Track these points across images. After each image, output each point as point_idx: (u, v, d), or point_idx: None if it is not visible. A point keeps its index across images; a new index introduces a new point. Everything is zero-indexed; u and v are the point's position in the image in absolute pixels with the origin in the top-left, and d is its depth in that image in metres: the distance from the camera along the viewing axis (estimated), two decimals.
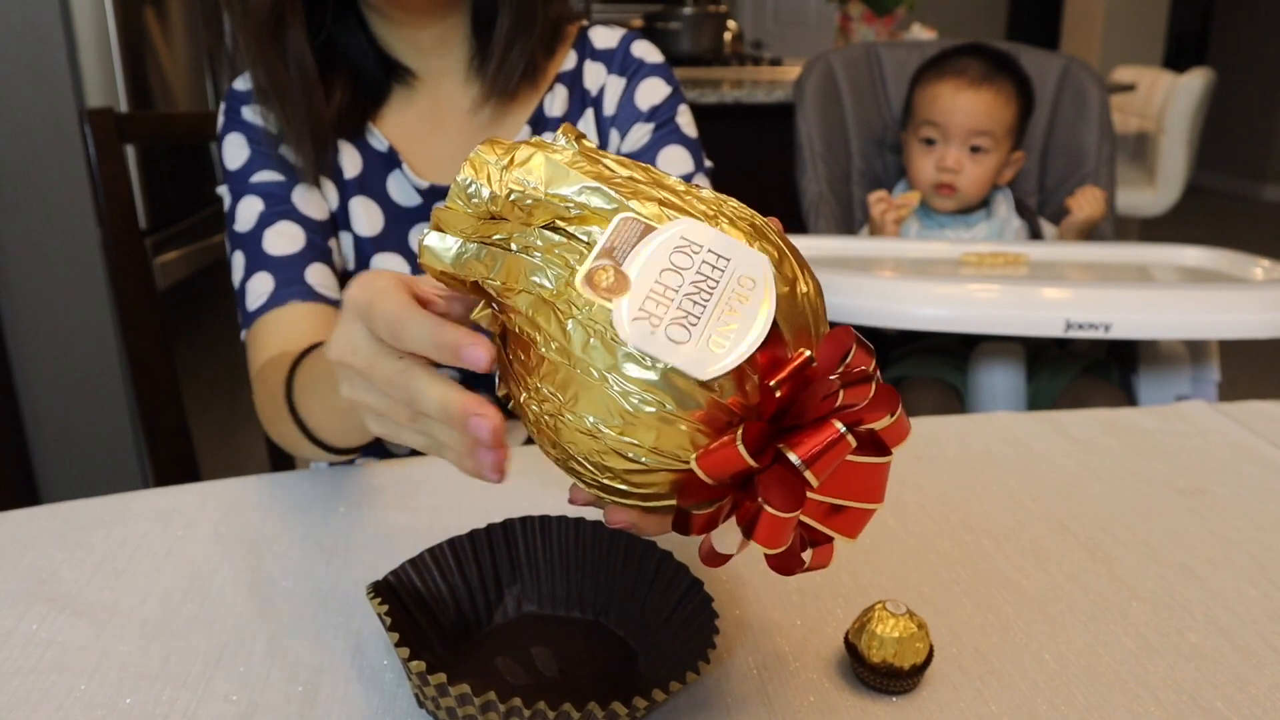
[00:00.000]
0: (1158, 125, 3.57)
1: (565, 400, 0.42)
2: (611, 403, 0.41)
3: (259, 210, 0.87)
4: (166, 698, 0.53)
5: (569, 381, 0.41)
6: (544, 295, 0.42)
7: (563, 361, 0.41)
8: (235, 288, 0.88)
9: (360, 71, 0.90)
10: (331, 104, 0.87)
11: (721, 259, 0.43)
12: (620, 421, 0.41)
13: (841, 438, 0.40)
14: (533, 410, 0.43)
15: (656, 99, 0.95)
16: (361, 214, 0.91)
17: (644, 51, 0.97)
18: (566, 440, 0.42)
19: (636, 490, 0.43)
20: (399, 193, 0.91)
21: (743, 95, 2.32)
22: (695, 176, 0.95)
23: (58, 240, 1.59)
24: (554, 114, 0.93)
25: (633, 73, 0.95)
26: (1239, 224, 5.65)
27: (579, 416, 0.41)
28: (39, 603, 0.62)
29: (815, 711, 0.53)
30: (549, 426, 0.43)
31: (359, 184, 0.91)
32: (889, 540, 0.69)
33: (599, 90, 0.95)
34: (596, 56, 0.95)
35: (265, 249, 0.86)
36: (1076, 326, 1.14)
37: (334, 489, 0.76)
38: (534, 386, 0.43)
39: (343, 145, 0.91)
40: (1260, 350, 3.52)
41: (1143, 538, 0.70)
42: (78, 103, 1.54)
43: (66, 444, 1.69)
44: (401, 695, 0.54)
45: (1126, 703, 0.53)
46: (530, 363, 0.43)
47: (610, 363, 0.41)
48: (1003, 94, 1.56)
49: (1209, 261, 1.42)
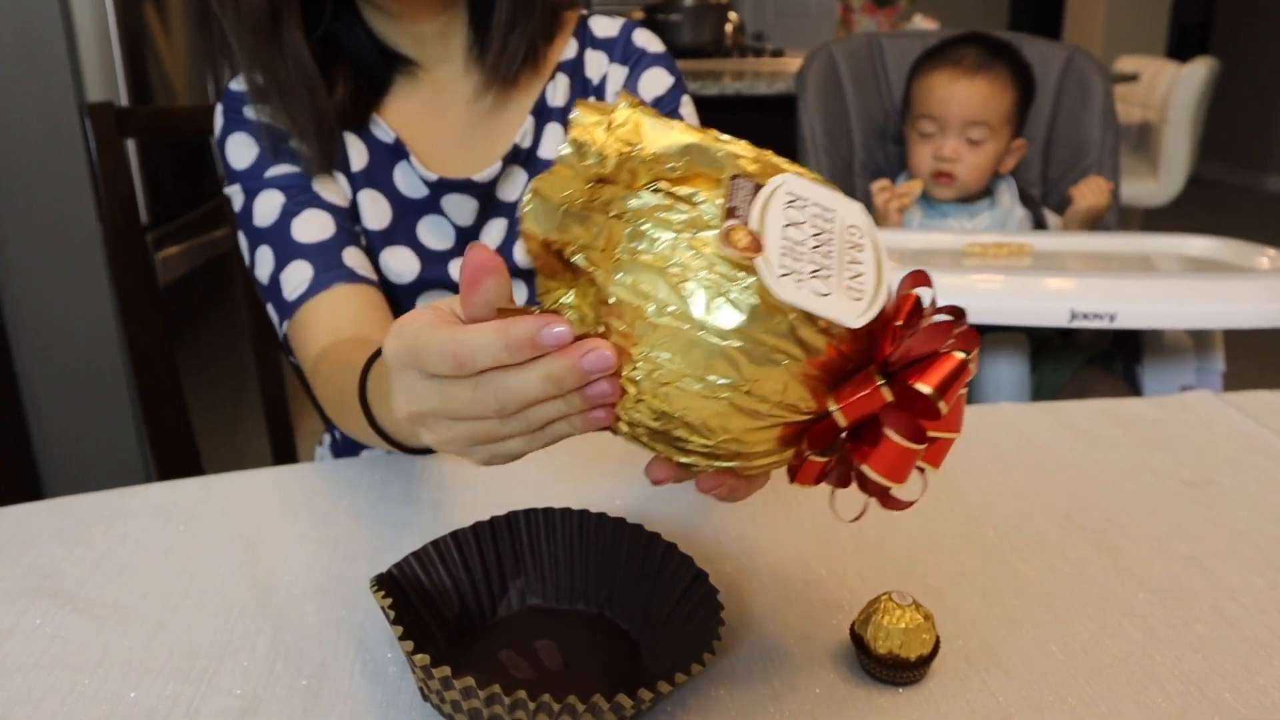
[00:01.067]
0: (1161, 115, 3.56)
1: (684, 365, 0.41)
2: (739, 361, 0.40)
3: (280, 202, 0.86)
4: (170, 692, 0.53)
5: (690, 345, 0.40)
6: (652, 260, 0.41)
7: (680, 326, 0.40)
8: (264, 283, 0.87)
9: (361, 63, 0.89)
10: (334, 97, 0.87)
11: (827, 210, 0.43)
12: (747, 378, 0.40)
13: (964, 365, 0.42)
14: (635, 382, 0.42)
15: (660, 90, 0.94)
16: (369, 207, 0.90)
17: (646, 41, 0.96)
18: (680, 407, 0.41)
19: (745, 450, 0.43)
20: (406, 184, 0.91)
21: (744, 87, 2.32)
22: None
23: (59, 235, 1.59)
24: (556, 103, 0.93)
25: (635, 62, 0.95)
26: (1242, 214, 5.64)
27: (701, 379, 0.41)
28: (41, 598, 0.61)
29: (821, 703, 0.52)
30: (657, 396, 0.42)
31: (366, 177, 0.90)
32: (894, 532, 0.69)
33: (601, 79, 0.94)
34: (598, 45, 0.95)
35: (296, 238, 0.85)
36: (1081, 316, 1.13)
37: (336, 482, 0.76)
38: (641, 356, 0.41)
39: (348, 138, 0.90)
40: (1265, 340, 3.51)
41: (1149, 529, 0.70)
42: (78, 97, 1.53)
43: (69, 439, 1.69)
44: (405, 689, 0.54)
45: (1133, 694, 0.53)
46: (634, 333, 0.41)
47: (739, 320, 0.40)
48: (998, 82, 1.55)
49: (1214, 251, 1.41)
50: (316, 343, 0.82)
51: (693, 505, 0.72)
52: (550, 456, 0.79)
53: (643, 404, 0.42)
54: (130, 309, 1.06)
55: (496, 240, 0.93)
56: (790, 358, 0.41)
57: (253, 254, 0.88)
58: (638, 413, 0.43)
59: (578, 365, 0.41)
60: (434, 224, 0.92)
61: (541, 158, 0.93)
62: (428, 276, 0.91)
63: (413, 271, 0.91)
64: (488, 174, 0.90)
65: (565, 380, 0.42)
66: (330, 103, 0.86)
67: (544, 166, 0.92)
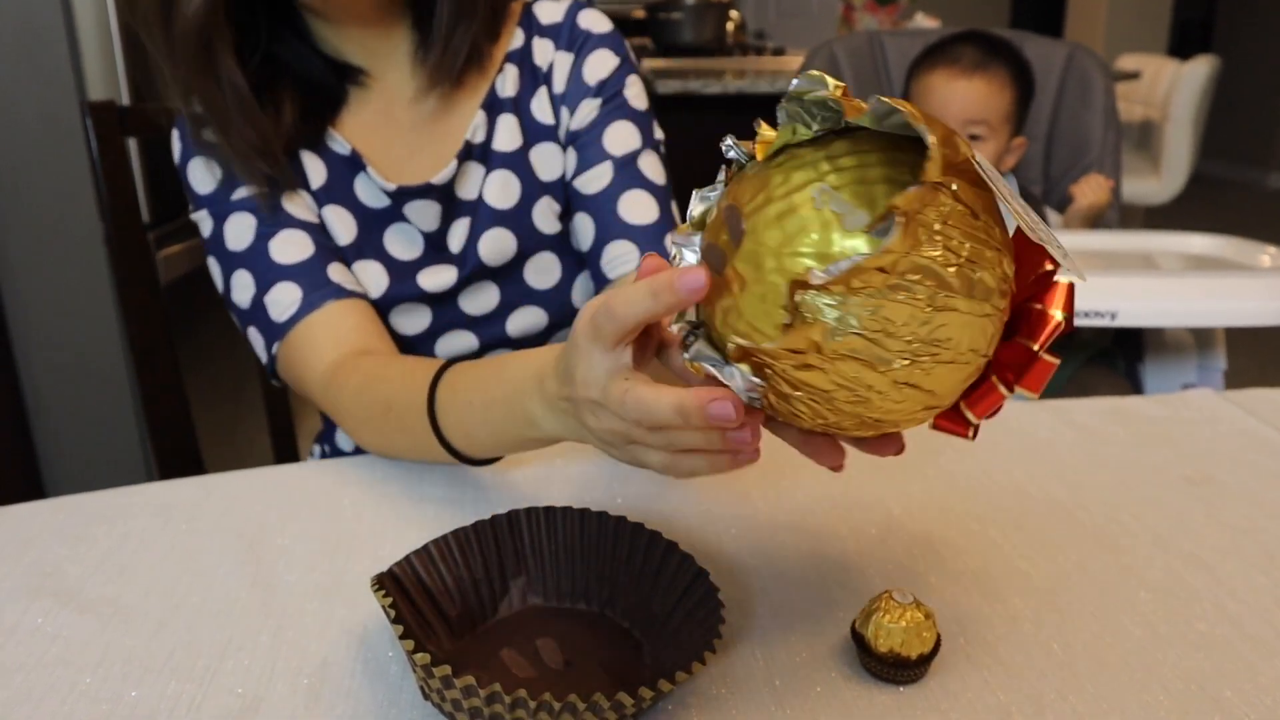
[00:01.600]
0: (1162, 113, 3.56)
1: (950, 343, 0.43)
2: (987, 327, 0.44)
3: (253, 225, 0.85)
4: (171, 691, 0.53)
5: (961, 325, 0.43)
6: (934, 254, 0.42)
7: (954, 311, 0.42)
8: (244, 307, 0.86)
9: (309, 81, 0.87)
10: (283, 117, 0.85)
11: (989, 166, 0.45)
12: (988, 341, 0.45)
13: (1072, 287, 0.48)
14: (896, 367, 0.43)
15: (604, 72, 0.92)
16: (336, 223, 0.89)
17: (591, 22, 0.94)
18: (933, 384, 0.44)
19: (944, 405, 0.47)
20: (367, 196, 0.90)
21: (745, 85, 2.32)
22: (643, 153, 0.92)
23: (60, 234, 1.59)
24: (507, 94, 0.91)
25: (580, 46, 0.93)
26: (1244, 212, 5.63)
27: (960, 351, 0.43)
28: (42, 597, 0.62)
29: (822, 702, 0.52)
30: (908, 382, 0.44)
31: (327, 192, 0.89)
32: (895, 530, 0.69)
33: (549, 66, 0.93)
34: (544, 33, 0.93)
35: (276, 260, 0.85)
36: (1082, 314, 1.13)
37: (338, 481, 0.76)
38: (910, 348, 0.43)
39: (305, 156, 0.89)
40: (1266, 338, 3.51)
41: (1150, 526, 0.70)
42: (79, 96, 1.53)
43: (71, 438, 1.69)
44: (407, 688, 0.54)
45: (1135, 692, 0.53)
46: (907, 324, 0.42)
47: (990, 291, 0.43)
48: (996, 80, 1.55)
49: (1215, 249, 1.41)
50: (321, 359, 0.82)
51: (694, 504, 0.72)
52: (550, 456, 0.79)
53: (889, 387, 0.44)
54: (131, 308, 1.06)
55: (461, 240, 0.91)
56: (1004, 313, 0.45)
57: (228, 279, 0.87)
58: (882, 400, 0.45)
59: (704, 408, 0.46)
60: (400, 232, 0.91)
61: (496, 150, 0.91)
62: (395, 292, 0.90)
63: (381, 284, 0.89)
64: (444, 175, 0.89)
65: (692, 416, 0.46)
66: (275, 126, 0.84)
67: (500, 159, 0.91)
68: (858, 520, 0.70)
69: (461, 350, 0.95)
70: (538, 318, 0.95)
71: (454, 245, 0.92)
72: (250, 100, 0.82)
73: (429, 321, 0.93)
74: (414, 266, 0.91)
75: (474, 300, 0.93)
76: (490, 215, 0.91)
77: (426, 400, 0.70)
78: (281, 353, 0.85)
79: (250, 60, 0.83)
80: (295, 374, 0.85)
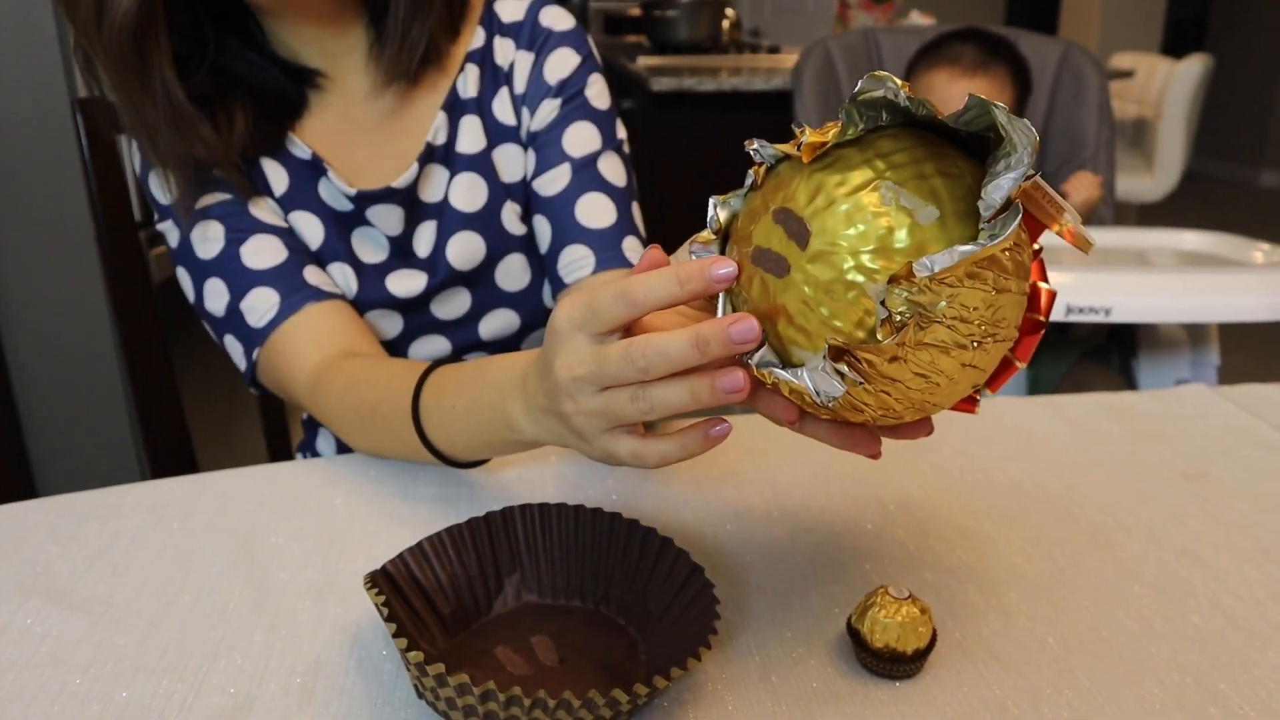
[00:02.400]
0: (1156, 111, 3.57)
1: (1004, 325, 0.45)
2: (1022, 303, 0.46)
3: (221, 232, 0.84)
4: (163, 691, 0.53)
5: (1015, 305, 0.45)
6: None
7: (1011, 294, 0.44)
8: (218, 315, 0.85)
9: (263, 89, 0.85)
10: (236, 126, 0.83)
11: None
12: (1019, 317, 0.46)
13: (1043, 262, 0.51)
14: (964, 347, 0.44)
15: (564, 72, 0.91)
16: (304, 228, 0.88)
17: (553, 20, 0.92)
18: (986, 363, 0.46)
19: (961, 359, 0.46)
20: (331, 199, 0.89)
21: (741, 83, 2.32)
22: (603, 155, 0.91)
23: (52, 232, 1.59)
24: (469, 94, 0.90)
25: (541, 45, 0.91)
26: (1236, 210, 5.65)
27: (1009, 330, 0.45)
28: (34, 597, 0.61)
29: (818, 697, 0.52)
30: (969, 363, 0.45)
31: (291, 199, 0.88)
32: (891, 525, 0.69)
33: (509, 66, 0.91)
34: (505, 31, 0.92)
35: (249, 265, 0.83)
36: (1077, 310, 1.13)
37: (331, 479, 0.76)
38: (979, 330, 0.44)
39: (265, 163, 0.87)
40: (1258, 334, 3.51)
41: (1145, 521, 0.70)
42: (70, 92, 1.53)
43: (63, 438, 1.69)
44: (401, 686, 0.53)
45: (1130, 686, 0.53)
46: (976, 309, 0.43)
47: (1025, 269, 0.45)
48: (998, 80, 1.55)
49: (1209, 245, 1.41)
50: (305, 363, 0.81)
51: (688, 500, 0.72)
52: (543, 454, 0.79)
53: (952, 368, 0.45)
54: (123, 307, 1.06)
55: (428, 244, 0.90)
56: (1022, 293, 0.46)
57: (199, 288, 0.85)
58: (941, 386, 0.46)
59: (724, 332, 0.45)
60: (366, 236, 0.90)
61: (460, 152, 0.90)
62: (365, 295, 0.89)
63: (350, 288, 0.88)
64: (405, 179, 0.88)
65: (711, 345, 0.45)
66: (227, 135, 0.82)
67: (465, 161, 0.90)
68: (853, 516, 0.70)
69: (435, 354, 0.94)
70: (510, 320, 0.95)
71: (420, 249, 0.91)
72: (187, 112, 0.78)
73: (400, 327, 0.92)
74: (382, 270, 0.90)
75: (445, 305, 0.93)
76: (457, 219, 0.90)
77: (411, 405, 0.69)
78: (262, 359, 0.84)
79: (196, 72, 0.81)
80: (278, 379, 0.84)
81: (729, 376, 0.46)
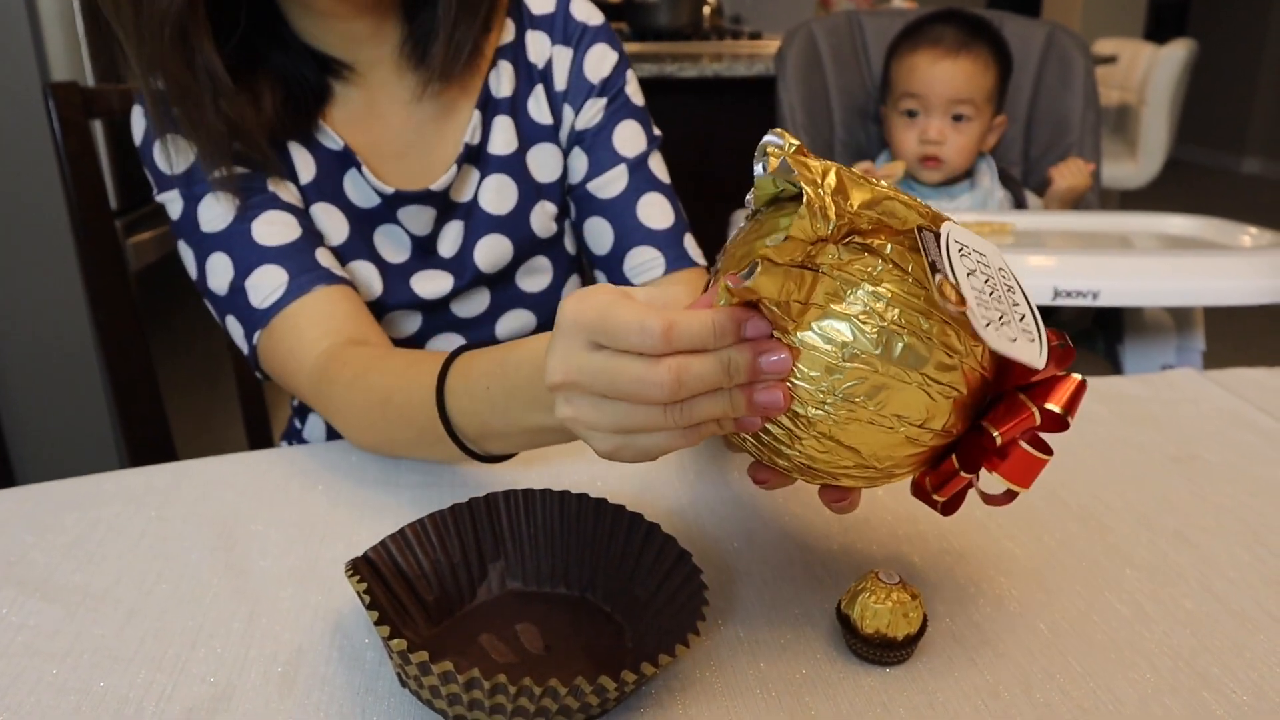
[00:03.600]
0: (1139, 97, 3.57)
1: (869, 403, 0.45)
2: (920, 398, 0.45)
3: (232, 205, 0.80)
4: (142, 680, 0.52)
5: (878, 387, 0.44)
6: (843, 309, 0.44)
7: (870, 370, 0.44)
8: (220, 294, 0.81)
9: (290, 72, 0.83)
10: (263, 105, 0.81)
11: (980, 254, 0.48)
12: (925, 414, 0.46)
13: (1083, 384, 0.49)
14: (807, 420, 0.46)
15: (606, 69, 0.90)
16: (325, 221, 0.85)
17: (586, 14, 0.91)
18: (852, 440, 0.46)
19: (889, 470, 0.48)
20: (357, 194, 0.86)
21: (723, 69, 2.30)
22: (651, 154, 0.91)
23: (26, 220, 1.56)
24: (502, 94, 0.88)
25: (578, 40, 0.90)
26: (1218, 197, 5.67)
27: (882, 414, 0.45)
28: (8, 586, 0.60)
29: (807, 684, 0.52)
30: (826, 434, 0.46)
31: (316, 189, 0.85)
32: (879, 510, 0.68)
33: (546, 63, 0.90)
34: (537, 25, 0.90)
35: (259, 241, 0.80)
36: (1064, 294, 1.13)
37: (312, 467, 0.74)
38: (820, 391, 0.45)
39: (293, 148, 0.85)
40: (1243, 320, 3.53)
41: (1135, 505, 0.69)
42: (42, 77, 1.50)
43: (42, 429, 1.67)
44: (384, 674, 0.53)
45: (1122, 670, 0.52)
46: (816, 375, 0.45)
47: (923, 361, 0.44)
48: (980, 60, 1.55)
49: (1195, 230, 1.41)
50: (312, 348, 0.77)
51: (675, 486, 0.71)
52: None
53: (809, 439, 0.46)
54: (100, 296, 1.04)
55: (454, 245, 0.89)
56: (958, 393, 0.46)
57: (202, 264, 0.81)
58: (801, 445, 0.47)
59: (755, 361, 0.45)
60: (389, 234, 0.88)
61: (492, 153, 0.88)
62: (391, 296, 0.87)
63: (375, 288, 0.86)
64: (444, 181, 0.86)
65: (740, 371, 0.45)
66: (254, 114, 0.80)
67: (496, 163, 0.88)
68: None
69: None
70: (526, 321, 0.94)
71: (445, 250, 0.89)
72: (227, 86, 0.77)
73: (419, 325, 0.91)
74: (405, 270, 0.88)
75: (465, 305, 0.92)
76: (487, 221, 0.89)
77: (435, 390, 0.64)
78: (264, 343, 0.80)
79: (226, 44, 0.78)
80: (280, 366, 0.79)
81: (777, 356, 0.45)
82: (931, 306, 0.45)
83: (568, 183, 0.93)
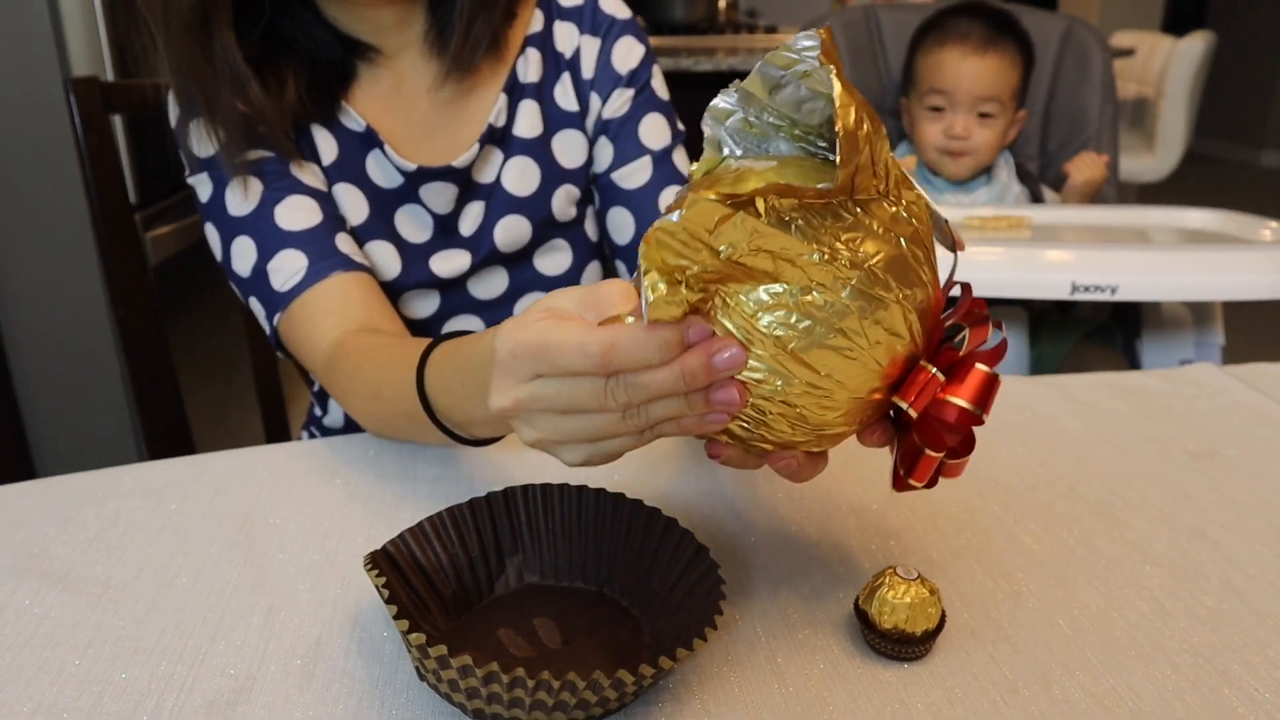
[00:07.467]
0: (1157, 90, 3.54)
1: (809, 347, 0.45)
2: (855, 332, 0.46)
3: (258, 189, 0.82)
4: (163, 672, 0.52)
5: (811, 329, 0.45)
6: (762, 298, 0.45)
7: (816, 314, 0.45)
8: (244, 276, 0.83)
9: (316, 55, 0.85)
10: (287, 92, 0.82)
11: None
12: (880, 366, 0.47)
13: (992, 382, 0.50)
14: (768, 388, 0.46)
15: (633, 62, 0.92)
16: (347, 201, 0.87)
17: (614, 8, 0.93)
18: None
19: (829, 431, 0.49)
20: (379, 174, 0.88)
21: (738, 63, 2.30)
22: (675, 148, 0.93)
23: (47, 215, 1.57)
24: (529, 79, 0.90)
25: (606, 31, 0.92)
26: (1237, 190, 5.62)
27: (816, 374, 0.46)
28: (31, 578, 0.60)
29: (825, 679, 0.51)
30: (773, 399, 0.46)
31: (339, 170, 0.87)
32: (897, 506, 0.68)
33: (574, 52, 0.91)
34: (565, 16, 0.92)
35: (282, 225, 0.81)
36: (1083, 289, 1.12)
37: (330, 461, 0.75)
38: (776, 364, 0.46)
39: (316, 131, 0.86)
40: (1261, 315, 3.50)
41: (1154, 501, 0.69)
42: (62, 72, 1.51)
43: (61, 422, 1.68)
44: (402, 668, 0.53)
45: (1142, 667, 0.52)
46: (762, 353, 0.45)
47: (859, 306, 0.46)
48: (1007, 57, 1.54)
49: (1214, 223, 1.40)
50: (324, 335, 0.79)
51: (692, 480, 0.71)
52: None
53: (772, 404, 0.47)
54: (120, 290, 1.05)
55: (474, 223, 0.90)
56: (897, 336, 0.47)
57: (227, 246, 0.84)
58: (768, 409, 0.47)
59: (708, 363, 0.44)
60: (411, 213, 0.89)
61: (516, 135, 0.89)
62: (409, 275, 0.88)
63: (393, 268, 0.87)
64: (466, 158, 0.87)
65: (697, 376, 0.45)
66: (278, 101, 0.81)
67: (520, 145, 0.89)
68: (859, 496, 0.69)
69: None
70: None
71: (465, 229, 0.90)
72: (246, 78, 0.79)
73: (437, 306, 0.92)
74: (425, 250, 0.89)
75: (483, 285, 0.93)
76: (508, 201, 0.90)
77: (416, 384, 0.66)
78: (283, 326, 0.82)
79: (250, 34, 0.80)
80: (298, 349, 0.82)
81: (729, 352, 0.45)
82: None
83: (592, 171, 0.94)
